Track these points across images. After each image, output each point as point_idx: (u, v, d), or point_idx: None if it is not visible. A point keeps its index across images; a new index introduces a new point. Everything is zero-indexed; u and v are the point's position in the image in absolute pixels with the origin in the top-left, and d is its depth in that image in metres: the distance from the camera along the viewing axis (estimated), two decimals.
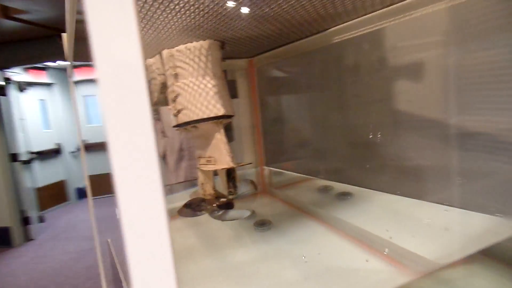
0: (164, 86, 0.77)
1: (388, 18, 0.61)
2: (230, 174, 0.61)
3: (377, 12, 0.61)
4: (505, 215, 0.51)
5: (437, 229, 0.55)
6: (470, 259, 0.47)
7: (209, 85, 0.61)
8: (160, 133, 1.32)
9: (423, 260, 0.45)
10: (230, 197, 0.62)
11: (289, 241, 0.63)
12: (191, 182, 1.22)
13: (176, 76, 0.65)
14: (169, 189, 1.17)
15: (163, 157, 1.31)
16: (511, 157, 0.55)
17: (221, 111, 0.60)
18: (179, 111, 0.64)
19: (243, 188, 0.67)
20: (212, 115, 0.60)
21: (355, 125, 0.89)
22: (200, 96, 0.61)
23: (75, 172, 4.65)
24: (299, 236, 0.65)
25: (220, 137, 0.61)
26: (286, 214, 0.80)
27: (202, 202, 0.66)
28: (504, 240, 0.44)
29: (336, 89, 0.89)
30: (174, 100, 0.65)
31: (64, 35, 0.90)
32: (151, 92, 0.86)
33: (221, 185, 0.64)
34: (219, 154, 0.61)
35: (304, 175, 0.97)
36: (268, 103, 1.03)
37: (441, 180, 0.69)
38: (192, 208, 0.63)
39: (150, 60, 0.76)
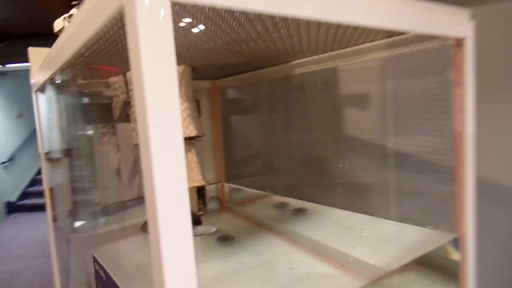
0: (126, 104, 0.79)
1: (342, 58, 0.70)
2: (200, 191, 0.65)
3: (334, 52, 0.70)
4: (434, 227, 0.61)
5: (380, 240, 0.64)
6: (406, 266, 0.56)
7: (182, 108, 0.65)
8: (115, 147, 1.31)
9: (370, 267, 0.52)
10: (199, 213, 0.65)
11: (252, 254, 0.68)
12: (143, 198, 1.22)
13: None
14: (122, 205, 1.16)
15: (117, 172, 1.30)
16: (434, 177, 0.66)
17: (193, 132, 0.64)
18: None
19: (210, 205, 0.71)
20: (184, 136, 0.63)
21: (310, 145, 0.98)
22: None
23: (5, 184, 4.28)
24: (261, 250, 0.70)
25: (191, 156, 0.65)
26: (246, 229, 0.85)
27: None
28: (433, 250, 0.53)
29: (293, 113, 0.97)
30: None
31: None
32: (113, 109, 0.88)
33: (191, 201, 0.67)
34: (189, 173, 0.65)
35: (262, 192, 1.03)
36: (229, 123, 1.08)
37: (382, 197, 0.79)
38: None
39: (114, 79, 0.78)
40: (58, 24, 0.82)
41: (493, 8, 0.67)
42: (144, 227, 0.64)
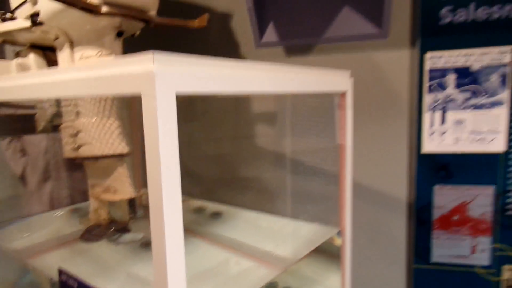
0: (54, 116, 0.80)
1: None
2: (130, 201, 0.71)
3: None
4: (326, 223, 0.79)
5: (286, 236, 0.79)
6: (308, 255, 0.72)
7: (114, 126, 0.70)
8: (19, 152, 1.22)
9: (282, 259, 0.66)
10: (129, 222, 0.71)
11: None
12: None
13: (78, 113, 0.71)
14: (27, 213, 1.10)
15: (21, 178, 1.21)
16: (324, 180, 0.84)
17: (125, 150, 0.69)
18: (79, 146, 0.71)
19: (139, 213, 0.77)
20: (117, 152, 0.69)
21: (224, 153, 1.10)
22: (106, 134, 0.69)
23: None
24: (185, 251, 0.79)
25: (122, 170, 0.71)
26: None
27: (99, 227, 0.73)
28: (325, 241, 0.70)
29: (209, 124, 1.08)
30: (74, 135, 0.71)
31: None
32: (37, 120, 0.86)
33: (120, 210, 0.73)
34: (121, 185, 0.70)
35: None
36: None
37: (285, 198, 0.96)
38: (93, 233, 0.70)
39: None
40: None
41: (365, 55, 0.88)
42: (84, 236, 0.67)
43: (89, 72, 0.34)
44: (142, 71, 0.30)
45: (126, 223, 0.74)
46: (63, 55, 0.73)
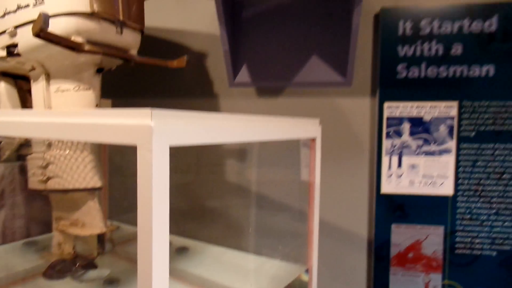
0: (21, 146, 0.78)
1: None
2: (99, 236, 0.70)
3: None
4: (295, 261, 0.81)
5: (255, 274, 0.81)
6: None
7: (87, 159, 0.70)
8: None
9: None
10: (97, 257, 0.70)
11: None
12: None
13: (49, 145, 0.70)
14: None
15: None
16: (291, 217, 0.88)
17: (98, 184, 0.69)
18: (49, 178, 0.69)
19: (107, 248, 0.76)
20: (89, 186, 0.68)
21: (192, 186, 1.11)
22: (78, 168, 0.69)
23: None
24: None
25: (93, 204, 0.70)
26: (130, 271, 0.90)
27: (63, 262, 0.70)
28: (293, 280, 0.73)
29: (177, 159, 1.09)
30: (44, 167, 0.70)
31: None
32: (1, 149, 0.84)
33: (87, 245, 0.71)
34: (91, 219, 0.69)
35: None
36: (117, 161, 1.12)
37: (253, 235, 0.98)
38: (57, 269, 0.67)
39: None
40: None
41: (331, 101, 0.96)
42: (48, 273, 0.64)
43: (85, 119, 0.35)
44: (140, 125, 0.32)
45: (93, 259, 0.72)
46: (37, 86, 0.72)
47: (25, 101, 0.83)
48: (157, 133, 0.32)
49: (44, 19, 0.53)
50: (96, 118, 0.35)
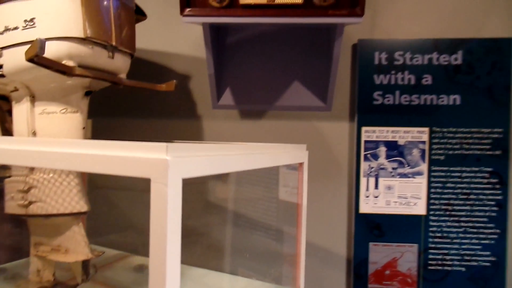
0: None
1: None
2: (84, 262, 0.68)
3: None
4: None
5: None
6: None
7: (73, 183, 0.68)
8: None
9: None
10: (81, 283, 0.68)
11: None
12: None
13: (32, 168, 0.68)
14: None
15: None
16: (265, 234, 0.90)
17: (84, 208, 0.68)
18: (30, 203, 0.67)
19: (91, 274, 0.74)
20: (75, 211, 0.67)
21: None
22: (63, 192, 0.67)
23: None
24: None
25: (78, 229, 0.68)
26: None
27: None
28: None
29: None
30: (25, 191, 0.68)
31: None
32: None
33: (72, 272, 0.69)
34: (75, 245, 0.68)
35: (122, 252, 1.07)
36: (95, 184, 1.09)
37: (235, 256, 0.98)
38: None
39: None
40: None
41: (311, 124, 1.00)
42: None
43: (97, 150, 0.36)
44: (155, 158, 0.33)
45: (75, 286, 0.70)
46: (20, 108, 0.71)
47: (4, 121, 0.80)
48: (173, 166, 0.33)
49: (41, 44, 0.53)
50: (108, 150, 0.36)
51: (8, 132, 0.80)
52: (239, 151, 0.44)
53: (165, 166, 0.33)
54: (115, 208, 1.12)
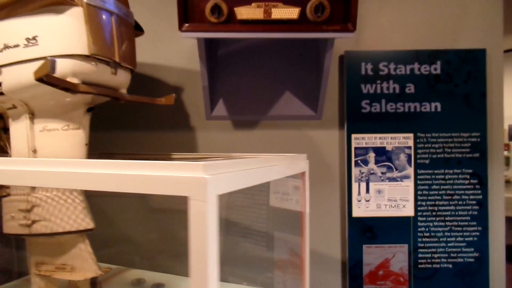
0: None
1: None
2: (92, 280, 0.67)
3: None
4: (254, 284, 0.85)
5: None
6: None
7: (77, 200, 0.68)
8: None
9: None
10: None
11: None
12: None
13: (33, 187, 0.67)
14: None
15: None
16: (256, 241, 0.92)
17: (90, 225, 0.68)
18: (34, 222, 0.66)
19: None
20: (81, 228, 0.66)
21: (165, 218, 1.10)
22: (68, 210, 0.67)
23: None
24: None
25: (84, 247, 0.68)
26: None
27: None
28: None
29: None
30: (28, 211, 0.67)
31: None
32: None
33: None
34: (81, 263, 0.67)
35: (119, 266, 1.05)
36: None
37: (231, 265, 1.00)
38: None
39: None
40: None
41: (303, 132, 1.03)
42: None
43: (135, 171, 0.37)
44: (194, 177, 0.35)
45: None
46: (19, 125, 0.70)
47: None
48: (210, 184, 0.35)
49: (52, 65, 0.53)
50: (146, 170, 0.37)
51: (2, 149, 0.79)
52: (259, 164, 0.46)
53: (203, 184, 0.35)
54: (108, 221, 1.10)
